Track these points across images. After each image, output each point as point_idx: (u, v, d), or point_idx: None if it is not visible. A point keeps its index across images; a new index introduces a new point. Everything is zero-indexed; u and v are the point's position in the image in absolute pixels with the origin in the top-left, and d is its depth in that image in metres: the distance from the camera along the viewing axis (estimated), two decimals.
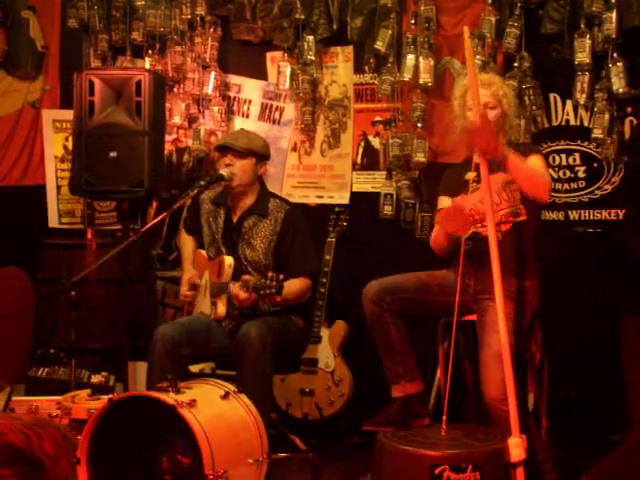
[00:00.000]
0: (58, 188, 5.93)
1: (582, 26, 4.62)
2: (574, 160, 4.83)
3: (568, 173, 4.84)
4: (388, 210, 5.25)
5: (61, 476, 1.79)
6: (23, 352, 5.26)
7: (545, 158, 4.21)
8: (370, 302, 3.97)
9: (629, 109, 4.65)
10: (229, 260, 4.47)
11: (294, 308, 4.53)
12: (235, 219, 4.58)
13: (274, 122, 5.81)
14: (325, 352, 5.08)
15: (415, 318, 4.04)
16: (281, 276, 4.09)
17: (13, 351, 5.12)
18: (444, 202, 4.16)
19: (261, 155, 4.58)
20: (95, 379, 4.99)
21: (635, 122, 4.64)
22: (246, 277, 4.28)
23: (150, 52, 5.99)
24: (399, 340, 3.94)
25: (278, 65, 5.61)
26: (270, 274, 4.10)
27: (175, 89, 5.93)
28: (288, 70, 5.54)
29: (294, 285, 4.42)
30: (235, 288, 4.27)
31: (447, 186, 4.20)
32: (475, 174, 3.95)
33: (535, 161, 3.91)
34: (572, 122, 4.83)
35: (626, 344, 3.94)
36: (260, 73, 5.83)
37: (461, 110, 4.04)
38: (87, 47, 6.23)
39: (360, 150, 5.52)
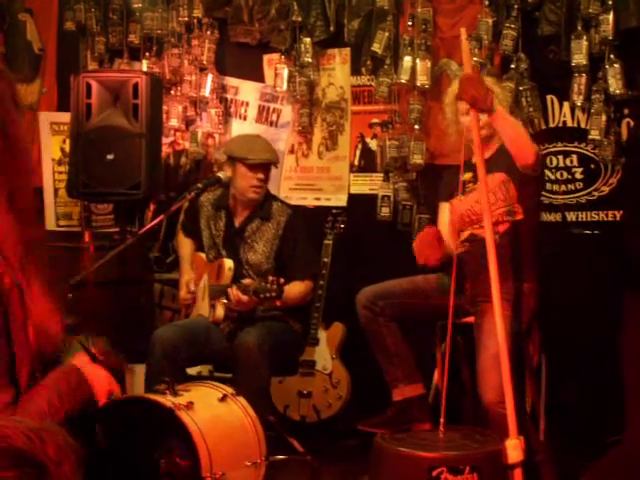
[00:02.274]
0: (55, 191, 5.92)
1: (579, 28, 4.62)
2: (571, 162, 4.83)
3: (565, 175, 4.84)
4: (385, 212, 5.25)
5: (63, 479, 1.79)
6: None
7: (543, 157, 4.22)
8: (363, 307, 4.00)
9: (626, 110, 4.65)
10: (229, 263, 4.46)
11: (292, 311, 4.52)
12: (238, 222, 4.58)
13: (271, 124, 5.81)
14: (323, 354, 5.08)
15: (413, 321, 4.05)
16: (281, 280, 4.09)
17: None
18: (443, 208, 4.17)
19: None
20: None
21: (632, 123, 4.64)
22: (247, 281, 4.28)
23: (147, 54, 5.99)
24: (394, 343, 3.96)
25: (275, 67, 5.61)
26: (270, 278, 4.10)
27: (172, 91, 5.93)
28: (285, 72, 5.54)
29: (296, 288, 4.42)
30: (235, 292, 4.26)
31: (444, 191, 4.21)
32: (471, 174, 3.96)
33: None
34: (569, 124, 4.84)
35: (625, 340, 3.93)
36: (257, 75, 5.83)
37: (454, 116, 4.05)
38: (84, 49, 6.23)
39: (357, 152, 5.52)
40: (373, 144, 5.44)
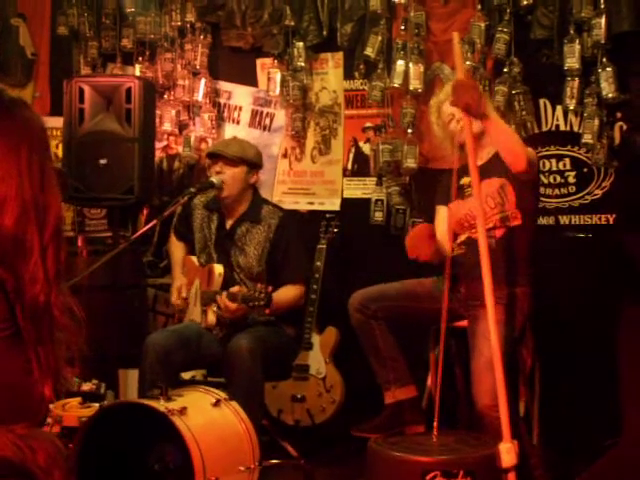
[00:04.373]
0: None
1: (571, 31, 4.63)
2: (564, 165, 4.84)
3: (558, 178, 4.85)
4: (379, 216, 5.25)
5: None
6: None
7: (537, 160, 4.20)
8: (355, 311, 4.00)
9: (619, 114, 4.65)
10: (219, 269, 4.45)
11: (285, 315, 4.52)
12: (228, 225, 4.57)
13: (264, 129, 5.81)
14: (316, 358, 5.07)
15: (405, 325, 4.05)
16: (269, 288, 4.08)
17: None
18: (440, 211, 4.16)
19: (253, 163, 4.56)
20: (86, 387, 4.96)
21: (625, 127, 4.65)
22: (235, 288, 4.27)
23: (140, 59, 5.99)
24: (386, 346, 3.96)
25: (268, 72, 5.61)
26: (259, 285, 4.09)
27: (165, 96, 5.93)
28: (278, 76, 5.54)
29: (288, 292, 4.41)
30: (223, 300, 4.24)
31: (442, 194, 4.19)
32: (470, 179, 3.95)
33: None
34: (562, 127, 4.84)
35: (622, 342, 3.93)
36: (250, 80, 5.83)
37: (438, 120, 4.06)
38: (77, 54, 6.22)
39: (350, 156, 5.52)
40: (366, 148, 5.44)
